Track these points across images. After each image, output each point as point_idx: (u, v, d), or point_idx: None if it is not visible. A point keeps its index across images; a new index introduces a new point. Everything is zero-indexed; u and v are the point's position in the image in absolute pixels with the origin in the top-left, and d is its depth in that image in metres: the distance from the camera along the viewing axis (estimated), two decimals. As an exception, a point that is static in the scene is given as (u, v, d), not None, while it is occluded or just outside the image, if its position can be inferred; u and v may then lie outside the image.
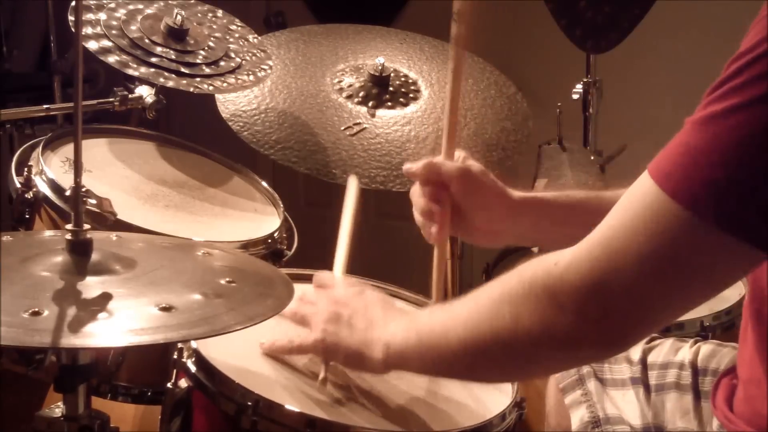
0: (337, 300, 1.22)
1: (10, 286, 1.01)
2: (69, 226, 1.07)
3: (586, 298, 0.92)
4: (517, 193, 1.33)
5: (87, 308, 0.99)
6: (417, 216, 1.35)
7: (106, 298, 1.01)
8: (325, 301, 1.23)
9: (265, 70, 1.82)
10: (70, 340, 0.93)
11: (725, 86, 0.85)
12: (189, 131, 2.42)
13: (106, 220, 1.47)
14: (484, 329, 1.02)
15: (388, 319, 1.16)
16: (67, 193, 1.07)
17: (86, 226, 1.08)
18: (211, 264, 1.18)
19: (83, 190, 1.07)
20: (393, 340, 1.13)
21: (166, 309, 1.00)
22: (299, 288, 1.20)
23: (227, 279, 1.11)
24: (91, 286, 1.03)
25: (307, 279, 1.48)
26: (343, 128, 1.81)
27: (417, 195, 1.34)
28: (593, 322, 0.93)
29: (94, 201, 1.44)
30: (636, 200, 0.91)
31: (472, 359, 1.05)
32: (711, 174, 0.84)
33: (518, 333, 0.98)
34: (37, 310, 0.95)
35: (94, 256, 1.08)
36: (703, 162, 0.85)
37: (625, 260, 0.90)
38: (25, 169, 1.60)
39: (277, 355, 1.23)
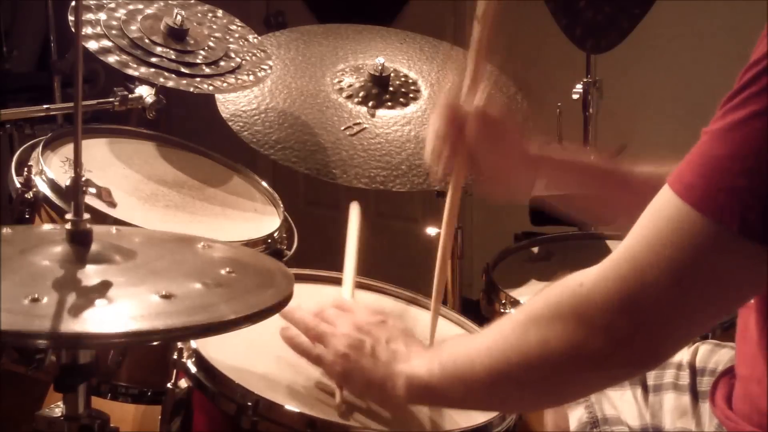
0: (360, 327, 1.20)
1: (10, 274, 1.00)
2: (69, 216, 1.07)
3: (615, 316, 0.91)
4: (535, 148, 1.28)
5: (86, 295, 0.98)
6: (428, 155, 1.29)
7: (105, 285, 1.01)
8: (346, 325, 1.20)
9: (265, 70, 1.82)
10: (69, 326, 0.93)
11: (743, 94, 0.85)
12: (189, 131, 2.42)
13: (107, 218, 1.47)
14: (511, 355, 1.01)
15: (411, 353, 1.15)
16: (67, 183, 1.07)
17: (86, 216, 1.07)
18: (211, 255, 1.18)
19: (83, 179, 1.07)
20: (416, 373, 1.11)
21: (166, 297, 1.00)
22: (299, 288, 1.19)
23: (227, 269, 1.11)
24: (91, 275, 1.03)
25: (307, 279, 1.49)
26: (343, 128, 1.81)
27: (432, 132, 1.28)
28: (624, 340, 0.92)
29: (94, 190, 1.45)
30: (659, 214, 0.90)
31: (501, 388, 1.04)
32: (733, 183, 0.84)
33: (547, 357, 0.97)
34: (36, 297, 0.95)
35: (94, 247, 1.07)
36: (725, 171, 0.85)
37: (653, 275, 0.89)
38: (25, 169, 1.60)
39: (288, 346, 1.21)
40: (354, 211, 1.54)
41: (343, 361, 1.16)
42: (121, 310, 0.98)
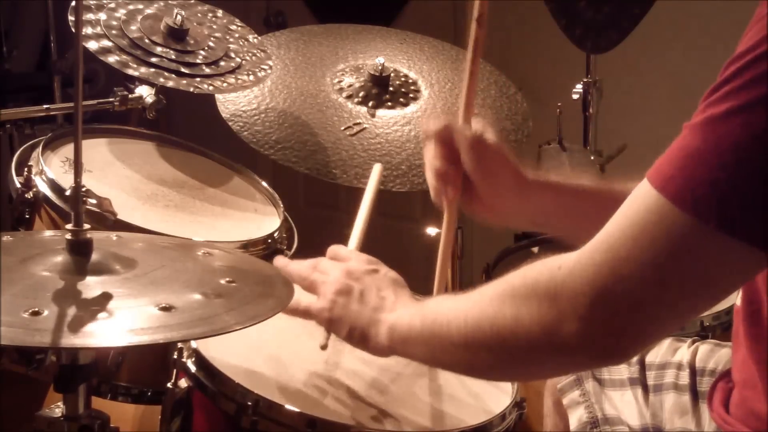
0: (351, 272, 1.20)
1: (10, 286, 1.00)
2: (69, 226, 1.07)
3: (588, 304, 0.91)
4: (530, 173, 1.28)
5: (87, 308, 0.98)
6: (428, 176, 1.30)
7: (106, 297, 1.01)
8: (338, 272, 1.21)
9: (265, 70, 1.82)
10: (70, 340, 0.93)
11: (723, 89, 0.85)
12: (189, 131, 2.42)
13: (107, 220, 1.47)
14: (485, 326, 1.01)
15: (399, 303, 1.16)
16: (67, 192, 1.07)
17: (86, 226, 1.08)
18: (211, 264, 1.18)
19: (83, 189, 1.07)
20: (398, 323, 1.12)
21: (166, 309, 1.00)
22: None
23: (227, 279, 1.11)
24: (91, 286, 1.03)
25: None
26: (343, 128, 1.81)
27: (430, 154, 1.29)
28: (595, 329, 0.92)
29: (94, 201, 1.44)
30: (637, 206, 0.90)
31: (472, 354, 1.04)
32: (712, 177, 0.84)
33: (518, 333, 0.98)
34: (37, 309, 0.95)
35: (94, 256, 1.08)
36: (703, 165, 0.85)
37: (628, 267, 0.89)
38: (25, 169, 1.60)
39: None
40: (376, 170, 1.52)
41: (331, 306, 1.17)
42: (122, 324, 0.98)
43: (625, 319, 0.90)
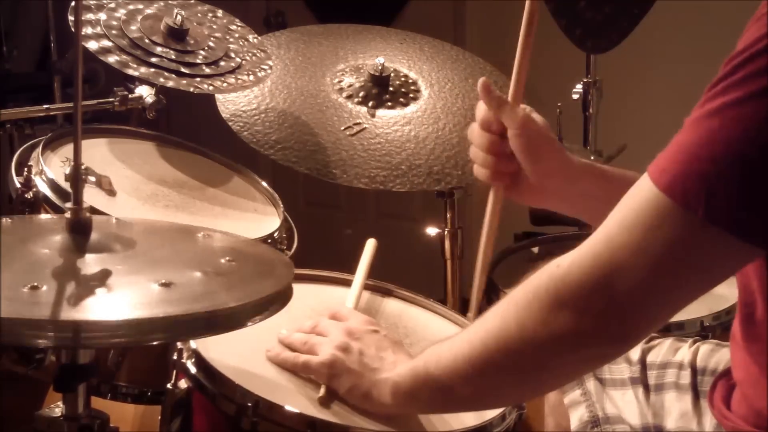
0: (350, 331, 1.21)
1: (9, 263, 1.01)
2: (68, 205, 1.07)
3: (588, 294, 0.93)
4: (577, 158, 1.30)
5: (86, 283, 0.99)
6: (474, 152, 1.31)
7: (105, 274, 1.01)
8: (337, 331, 1.22)
9: (265, 70, 1.82)
10: (69, 314, 0.93)
11: (721, 84, 0.87)
12: (189, 131, 2.42)
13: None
14: (490, 342, 1.02)
15: (398, 361, 1.16)
16: (67, 171, 1.07)
17: (86, 204, 1.07)
18: (211, 245, 1.18)
19: (83, 167, 1.07)
20: (400, 379, 1.12)
21: (166, 285, 1.00)
22: (299, 288, 1.19)
23: (227, 258, 1.11)
24: (91, 264, 1.03)
25: (307, 279, 1.49)
26: (343, 128, 1.81)
27: (476, 134, 1.30)
28: (596, 318, 0.93)
29: (93, 178, 1.45)
30: (635, 197, 0.92)
31: (482, 379, 1.04)
32: (702, 169, 0.86)
33: (524, 340, 0.98)
34: (36, 284, 0.95)
35: (94, 236, 1.08)
36: (694, 157, 0.87)
37: (625, 256, 0.91)
38: (25, 169, 1.59)
39: (280, 366, 1.22)
40: (369, 247, 1.53)
41: (331, 361, 1.17)
42: (121, 299, 0.98)
43: (624, 305, 0.92)
